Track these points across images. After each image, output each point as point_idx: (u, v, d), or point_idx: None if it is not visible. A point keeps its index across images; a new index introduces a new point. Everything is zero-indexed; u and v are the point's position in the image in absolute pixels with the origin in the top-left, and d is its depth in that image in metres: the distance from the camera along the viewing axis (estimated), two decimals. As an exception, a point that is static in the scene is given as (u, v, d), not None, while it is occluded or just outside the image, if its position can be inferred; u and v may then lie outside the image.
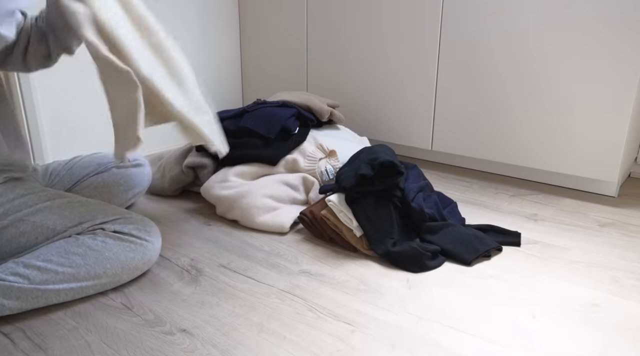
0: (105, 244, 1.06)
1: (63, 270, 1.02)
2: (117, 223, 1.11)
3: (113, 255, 1.06)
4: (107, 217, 1.11)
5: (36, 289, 0.99)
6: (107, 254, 1.06)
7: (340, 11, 1.96)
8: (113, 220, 1.11)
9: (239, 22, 2.32)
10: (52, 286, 1.01)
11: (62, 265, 1.02)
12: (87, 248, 1.04)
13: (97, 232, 1.08)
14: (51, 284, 1.00)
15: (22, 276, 0.99)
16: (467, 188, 1.69)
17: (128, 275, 1.09)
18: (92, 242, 1.05)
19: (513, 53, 1.62)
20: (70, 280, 1.02)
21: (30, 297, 0.99)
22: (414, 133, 1.91)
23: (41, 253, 1.03)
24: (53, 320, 0.99)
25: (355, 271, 1.18)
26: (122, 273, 1.08)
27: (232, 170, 1.50)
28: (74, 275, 1.03)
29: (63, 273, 1.02)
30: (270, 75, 2.29)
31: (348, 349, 0.91)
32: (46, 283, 1.00)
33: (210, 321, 0.99)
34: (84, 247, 1.04)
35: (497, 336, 0.95)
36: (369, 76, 1.96)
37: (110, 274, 1.06)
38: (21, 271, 0.99)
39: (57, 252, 1.03)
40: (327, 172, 1.53)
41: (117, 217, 1.12)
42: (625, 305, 1.05)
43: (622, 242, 1.32)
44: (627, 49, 1.43)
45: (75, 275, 1.03)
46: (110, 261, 1.06)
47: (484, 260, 1.23)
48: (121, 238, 1.08)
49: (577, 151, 1.59)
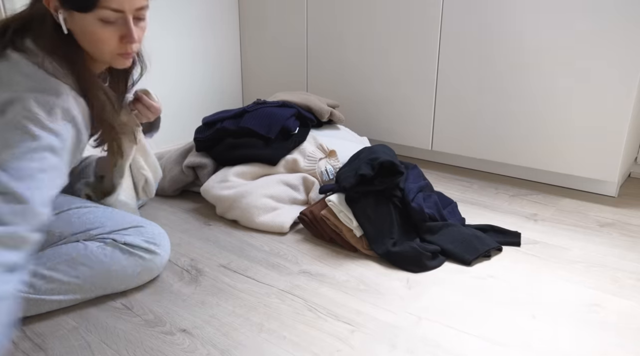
0: (113, 257, 1.04)
1: (69, 281, 1.00)
2: (128, 234, 1.08)
3: (121, 269, 1.04)
4: (117, 226, 1.08)
5: (41, 299, 0.98)
6: (114, 267, 1.04)
7: (340, 11, 1.96)
8: (124, 230, 1.08)
9: (239, 22, 2.32)
10: (57, 297, 0.99)
11: (68, 275, 1.00)
12: (95, 259, 1.02)
13: (108, 242, 1.05)
14: (56, 294, 0.99)
15: (28, 284, 0.97)
16: (467, 188, 1.69)
17: (132, 285, 1.08)
18: (100, 253, 1.03)
19: (513, 53, 1.62)
20: (75, 291, 1.01)
21: (35, 306, 0.98)
22: (414, 133, 1.91)
23: (48, 259, 1.00)
24: (53, 320, 0.99)
25: (355, 271, 1.18)
26: (126, 284, 1.07)
27: (232, 170, 1.50)
28: (80, 286, 1.01)
29: (69, 283, 1.00)
30: (270, 75, 2.28)
31: (348, 349, 0.91)
32: (51, 293, 0.99)
33: (210, 321, 0.99)
34: (92, 257, 1.02)
35: (497, 336, 0.95)
36: (369, 76, 1.96)
37: (115, 286, 1.05)
38: (27, 280, 0.97)
39: (65, 260, 1.00)
40: (327, 172, 1.53)
41: (128, 227, 1.09)
42: (625, 305, 1.05)
43: (622, 242, 1.32)
44: (627, 49, 1.43)
45: (82, 286, 1.01)
46: (117, 275, 1.04)
47: (484, 260, 1.23)
48: (130, 252, 1.06)
49: (577, 151, 1.58)
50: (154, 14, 1.96)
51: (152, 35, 1.97)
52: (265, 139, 1.55)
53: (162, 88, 2.06)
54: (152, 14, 1.95)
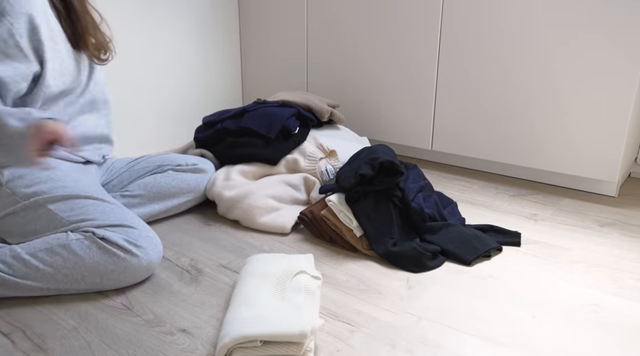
0: (89, 251, 1.04)
1: (44, 269, 1.02)
2: (111, 230, 1.07)
3: (93, 264, 1.04)
4: (105, 221, 1.09)
5: (16, 282, 1.02)
6: (87, 261, 1.04)
7: (340, 11, 1.96)
8: (108, 226, 1.08)
9: (239, 22, 2.32)
10: (31, 283, 1.02)
11: (44, 263, 1.02)
12: (71, 251, 1.03)
13: (88, 235, 1.05)
14: (31, 280, 1.02)
15: (9, 265, 1.02)
16: (467, 188, 1.69)
17: (110, 285, 1.07)
18: (77, 245, 1.04)
19: (513, 53, 1.62)
20: (48, 280, 1.03)
21: (13, 288, 1.02)
22: (414, 133, 1.91)
23: (33, 245, 1.04)
24: (53, 320, 0.99)
25: (355, 271, 1.18)
26: (102, 283, 1.06)
27: (234, 168, 1.50)
28: (53, 276, 1.03)
29: (43, 271, 1.02)
30: (270, 75, 2.28)
31: (348, 349, 0.91)
32: (26, 278, 1.02)
33: (210, 321, 0.99)
34: (69, 249, 1.04)
35: (497, 336, 0.95)
36: (369, 76, 1.96)
37: (88, 282, 1.05)
38: (9, 261, 1.02)
39: (45, 246, 1.04)
40: (328, 172, 1.53)
41: (115, 224, 1.09)
42: (625, 305, 1.05)
43: (622, 242, 1.32)
44: (627, 49, 1.43)
45: (54, 276, 1.03)
46: (89, 269, 1.04)
47: (484, 260, 1.23)
48: (106, 247, 1.04)
49: (577, 151, 1.59)
50: (154, 14, 1.96)
51: (152, 35, 1.97)
52: (266, 139, 1.55)
53: (162, 88, 2.06)
54: (152, 14, 1.95)
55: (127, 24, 1.88)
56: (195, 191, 1.44)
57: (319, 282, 1.04)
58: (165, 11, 2.01)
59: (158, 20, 1.98)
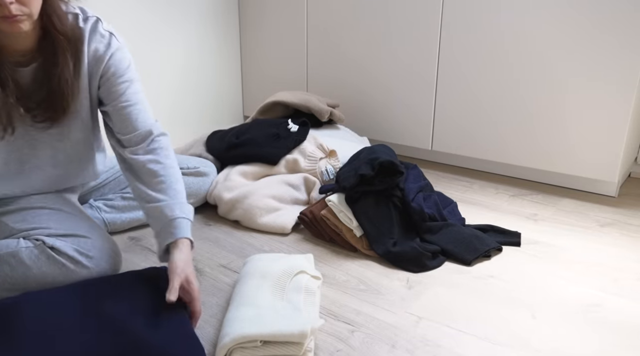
0: (37, 261, 1.00)
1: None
2: (62, 239, 1.03)
3: (40, 274, 1.00)
4: (59, 231, 1.04)
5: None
6: (34, 271, 1.00)
7: (340, 11, 1.96)
8: (60, 236, 1.04)
9: (239, 22, 2.32)
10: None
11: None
12: (19, 259, 1.00)
13: (38, 244, 1.01)
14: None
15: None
16: (467, 188, 1.69)
17: None
18: (25, 254, 1.00)
19: (513, 53, 1.62)
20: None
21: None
22: (414, 133, 1.91)
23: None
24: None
25: (355, 271, 1.18)
26: None
27: (234, 169, 1.50)
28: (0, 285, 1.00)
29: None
30: (270, 75, 2.28)
31: (348, 349, 0.91)
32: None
33: (210, 321, 0.99)
34: (17, 257, 1.00)
35: (497, 336, 0.95)
36: (369, 76, 1.96)
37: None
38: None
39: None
40: (328, 172, 1.53)
41: (67, 233, 1.04)
42: (625, 305, 1.05)
43: (622, 242, 1.32)
44: (627, 49, 1.43)
45: (1, 285, 1.00)
46: (36, 280, 1.01)
47: (484, 260, 1.23)
48: (54, 257, 1.00)
49: (577, 151, 1.59)
50: (154, 14, 1.96)
51: (152, 35, 1.97)
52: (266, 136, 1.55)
53: (162, 89, 2.06)
54: (152, 14, 1.95)
55: (127, 24, 1.88)
56: (196, 195, 1.43)
57: (318, 282, 1.04)
58: (166, 12, 2.01)
59: (158, 21, 1.98)
